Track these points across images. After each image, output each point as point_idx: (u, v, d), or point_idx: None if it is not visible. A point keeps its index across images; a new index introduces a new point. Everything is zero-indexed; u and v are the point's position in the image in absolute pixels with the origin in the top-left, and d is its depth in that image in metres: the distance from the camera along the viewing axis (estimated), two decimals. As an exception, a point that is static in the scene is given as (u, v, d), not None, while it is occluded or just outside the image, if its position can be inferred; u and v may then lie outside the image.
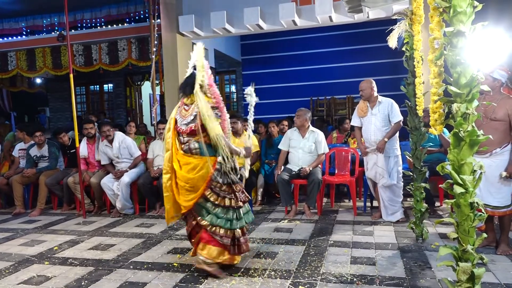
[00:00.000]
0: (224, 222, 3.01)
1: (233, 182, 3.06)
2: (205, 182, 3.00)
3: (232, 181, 3.06)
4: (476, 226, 2.02)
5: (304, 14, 6.89)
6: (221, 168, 3.02)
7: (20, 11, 9.34)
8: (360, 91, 4.49)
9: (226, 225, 3.01)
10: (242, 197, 3.12)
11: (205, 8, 7.33)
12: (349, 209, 5.09)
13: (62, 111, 12.50)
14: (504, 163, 3.21)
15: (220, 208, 3.03)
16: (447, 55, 1.95)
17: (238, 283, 2.90)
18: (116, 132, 5.46)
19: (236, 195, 3.07)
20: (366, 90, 4.43)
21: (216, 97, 3.08)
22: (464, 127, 1.92)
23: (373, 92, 4.44)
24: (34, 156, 5.95)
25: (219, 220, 3.00)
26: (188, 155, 3.05)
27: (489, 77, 3.18)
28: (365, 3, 4.72)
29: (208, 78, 3.05)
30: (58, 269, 3.36)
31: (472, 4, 1.89)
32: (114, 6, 9.04)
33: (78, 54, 8.60)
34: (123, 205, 5.23)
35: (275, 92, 11.47)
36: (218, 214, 3.01)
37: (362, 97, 4.50)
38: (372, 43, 10.10)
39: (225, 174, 3.04)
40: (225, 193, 3.04)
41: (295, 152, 5.00)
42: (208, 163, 3.00)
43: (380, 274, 2.96)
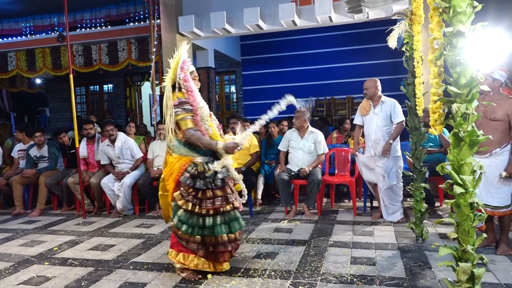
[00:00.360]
0: (186, 227, 2.90)
1: (202, 188, 2.90)
2: (174, 182, 2.98)
3: (201, 186, 2.90)
4: (476, 226, 2.02)
5: (304, 14, 6.90)
6: (193, 170, 2.92)
7: (20, 12, 9.36)
8: (364, 89, 4.47)
9: (188, 230, 2.90)
10: (208, 205, 2.91)
11: (205, 9, 7.34)
12: (349, 209, 5.09)
13: (62, 111, 12.52)
14: (503, 163, 3.22)
15: (183, 211, 2.93)
16: (447, 55, 1.95)
17: (238, 283, 2.90)
18: (119, 133, 5.46)
19: (202, 202, 2.91)
20: (371, 89, 4.42)
21: (189, 93, 3.00)
22: (464, 127, 1.92)
23: (377, 91, 4.43)
24: (34, 157, 5.95)
25: (182, 225, 2.91)
26: (169, 154, 3.08)
27: (489, 77, 3.18)
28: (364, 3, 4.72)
29: (184, 73, 3.03)
30: (58, 269, 3.36)
31: (471, 4, 1.89)
32: (114, 6, 9.06)
33: (78, 54, 8.61)
34: (124, 207, 5.23)
35: (275, 92, 11.43)
36: (181, 218, 2.92)
37: (365, 95, 4.48)
38: (372, 43, 10.11)
39: (196, 177, 2.92)
40: (190, 197, 2.90)
41: (295, 153, 5.00)
42: (179, 162, 2.98)
43: (380, 274, 2.96)
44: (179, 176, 2.96)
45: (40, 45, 8.93)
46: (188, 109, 2.97)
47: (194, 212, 2.91)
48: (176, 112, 2.96)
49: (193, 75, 3.13)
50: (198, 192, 2.92)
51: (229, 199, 3.01)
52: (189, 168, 2.94)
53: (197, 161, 2.95)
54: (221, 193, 2.98)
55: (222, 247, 2.97)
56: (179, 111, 2.96)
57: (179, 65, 3.04)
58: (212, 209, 2.93)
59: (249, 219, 4.83)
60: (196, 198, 2.91)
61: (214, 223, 2.93)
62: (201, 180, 2.92)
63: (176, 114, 2.96)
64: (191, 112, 2.97)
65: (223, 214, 2.98)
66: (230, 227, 3.00)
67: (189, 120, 2.96)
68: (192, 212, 2.91)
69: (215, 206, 2.93)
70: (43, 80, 12.12)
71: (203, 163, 2.95)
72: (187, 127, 2.94)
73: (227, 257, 3.07)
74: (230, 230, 3.00)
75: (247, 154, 5.27)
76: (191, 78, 3.09)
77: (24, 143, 6.24)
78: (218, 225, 2.94)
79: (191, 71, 3.12)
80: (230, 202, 3.02)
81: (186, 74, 3.04)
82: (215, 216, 2.95)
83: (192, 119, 2.98)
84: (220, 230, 2.94)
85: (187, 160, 2.98)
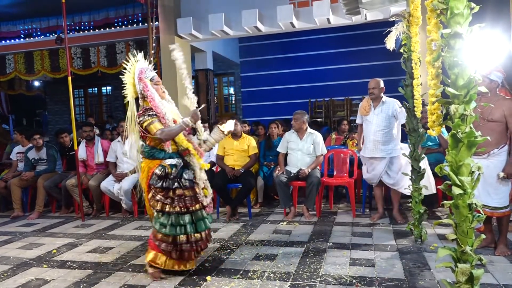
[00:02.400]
0: (159, 226, 3.00)
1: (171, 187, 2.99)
2: (146, 185, 3.09)
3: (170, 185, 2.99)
4: (474, 227, 2.02)
5: (302, 16, 6.91)
6: (160, 172, 2.98)
7: (18, 14, 9.36)
8: (369, 89, 4.42)
9: (161, 230, 2.99)
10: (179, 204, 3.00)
11: (203, 11, 7.35)
12: (348, 211, 5.09)
13: (61, 114, 12.50)
14: (501, 163, 3.22)
15: (161, 214, 3.02)
16: (445, 57, 1.95)
17: (237, 285, 2.90)
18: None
19: (173, 200, 3.00)
20: (377, 89, 4.39)
21: (150, 99, 3.06)
22: (462, 129, 1.93)
23: (381, 92, 4.43)
24: (32, 159, 5.94)
25: (163, 228, 3.00)
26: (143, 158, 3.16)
27: (486, 78, 3.19)
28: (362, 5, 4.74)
29: (143, 83, 3.08)
30: (56, 272, 3.35)
31: (469, 6, 1.90)
32: (112, 9, 9.07)
33: (76, 57, 8.60)
34: (130, 208, 5.38)
35: (274, 94, 11.49)
36: (161, 221, 3.02)
37: (371, 95, 4.45)
38: (370, 45, 10.13)
39: (164, 178, 3.00)
40: (160, 197, 3.00)
41: (294, 154, 5.00)
42: (149, 166, 3.07)
43: (379, 275, 2.96)
44: (148, 179, 3.06)
45: (38, 47, 8.92)
46: (152, 114, 3.03)
47: (165, 211, 3.00)
48: (142, 120, 3.02)
49: (154, 81, 3.16)
50: (169, 191, 3.01)
51: (198, 198, 3.10)
52: (156, 170, 3.01)
53: (165, 164, 3.02)
54: (190, 193, 3.07)
55: (189, 246, 3.04)
56: (145, 118, 3.02)
57: (136, 76, 3.10)
58: (183, 207, 3.01)
59: (248, 220, 4.83)
60: (167, 197, 3.01)
61: (184, 222, 3.02)
62: (169, 180, 3.01)
63: (143, 121, 3.02)
64: (156, 116, 3.03)
65: (192, 213, 3.07)
66: (196, 226, 3.07)
67: (157, 122, 3.01)
68: (163, 211, 3.00)
69: (186, 204, 3.02)
70: (41, 83, 12.10)
71: (171, 165, 3.02)
72: (157, 129, 2.99)
73: (192, 256, 3.12)
74: (196, 230, 3.07)
75: (246, 155, 5.27)
76: (154, 84, 3.15)
77: (22, 146, 6.23)
78: (188, 224, 3.03)
79: (151, 77, 3.15)
80: (199, 201, 3.10)
81: (145, 83, 3.09)
82: (185, 215, 3.03)
83: (160, 122, 3.03)
84: (189, 229, 3.03)
85: (155, 164, 3.06)
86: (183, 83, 3.28)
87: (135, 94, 3.17)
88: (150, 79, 3.15)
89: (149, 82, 3.13)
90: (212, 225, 4.63)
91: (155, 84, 3.17)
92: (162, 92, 3.21)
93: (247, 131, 6.27)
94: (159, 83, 3.21)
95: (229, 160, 5.24)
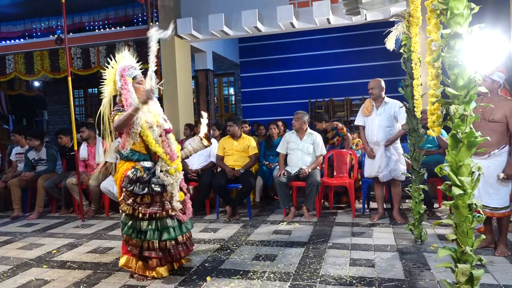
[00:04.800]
0: (126, 229, 2.98)
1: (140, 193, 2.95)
2: (119, 187, 3.05)
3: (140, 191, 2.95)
4: (474, 227, 2.02)
5: (302, 17, 6.91)
6: (132, 175, 2.95)
7: (19, 15, 9.36)
8: (369, 89, 4.45)
9: (128, 232, 2.98)
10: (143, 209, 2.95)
11: (203, 11, 7.35)
12: (348, 211, 5.09)
13: (60, 114, 12.49)
14: (502, 164, 3.22)
15: (124, 215, 3.01)
16: (445, 57, 1.95)
17: (237, 285, 2.90)
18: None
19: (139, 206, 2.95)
20: (377, 89, 4.41)
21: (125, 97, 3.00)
22: (462, 129, 1.93)
23: (382, 92, 4.44)
24: (32, 160, 5.94)
25: (124, 227, 2.99)
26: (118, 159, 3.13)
27: (488, 78, 3.19)
28: (362, 6, 4.75)
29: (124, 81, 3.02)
30: (56, 272, 3.35)
31: (469, 6, 1.90)
32: (112, 9, 9.06)
33: (76, 57, 8.59)
34: None
35: (273, 94, 11.49)
36: (123, 221, 3.02)
37: (371, 95, 4.46)
38: (370, 45, 10.14)
39: (135, 182, 2.95)
40: (131, 201, 2.96)
41: (294, 154, 5.01)
42: (123, 168, 3.03)
43: (379, 276, 2.96)
44: (121, 181, 3.01)
45: (38, 48, 8.92)
46: (121, 110, 2.98)
47: (133, 215, 2.97)
48: (112, 116, 3.00)
49: (137, 80, 3.09)
50: (137, 196, 2.97)
51: (165, 206, 3.02)
52: (129, 173, 2.97)
53: (138, 166, 2.99)
54: (158, 199, 3.01)
55: (153, 253, 2.99)
56: (113, 113, 3.01)
57: (117, 73, 3.05)
58: (147, 213, 2.96)
59: (248, 221, 4.83)
60: (135, 202, 2.97)
61: (148, 228, 2.98)
62: (140, 185, 2.96)
63: (113, 117, 2.99)
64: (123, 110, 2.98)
65: (157, 220, 3.01)
66: (161, 234, 3.01)
67: (119, 114, 2.95)
68: (132, 215, 2.98)
69: (150, 211, 2.97)
70: (41, 83, 12.10)
71: (144, 168, 2.99)
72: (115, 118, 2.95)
73: (155, 263, 3.04)
74: (160, 238, 3.01)
75: (246, 156, 5.27)
76: (136, 83, 3.07)
77: (21, 146, 6.23)
78: (151, 230, 2.98)
79: (134, 76, 3.08)
80: (166, 209, 3.02)
81: (125, 80, 3.03)
82: (149, 221, 2.99)
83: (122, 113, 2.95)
84: (151, 236, 2.98)
85: (129, 166, 3.02)
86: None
87: (114, 91, 3.11)
88: (133, 78, 3.07)
89: (130, 80, 3.05)
90: (212, 225, 4.67)
91: (137, 83, 3.08)
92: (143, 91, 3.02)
93: (247, 131, 6.27)
94: (142, 83, 3.09)
95: (229, 160, 5.24)
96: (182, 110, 7.60)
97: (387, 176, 4.41)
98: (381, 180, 4.46)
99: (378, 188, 4.61)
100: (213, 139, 5.62)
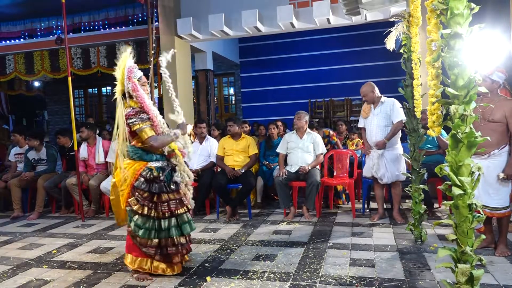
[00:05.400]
0: (143, 232, 2.96)
1: (157, 192, 2.97)
2: (129, 188, 3.01)
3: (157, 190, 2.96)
4: (474, 227, 2.02)
5: (302, 17, 6.91)
6: (148, 175, 2.95)
7: (18, 15, 9.35)
8: (362, 97, 4.50)
9: (145, 235, 2.97)
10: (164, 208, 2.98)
11: (203, 11, 7.35)
12: (348, 211, 5.09)
13: (60, 114, 12.49)
14: (502, 164, 3.22)
15: (139, 216, 2.98)
16: (445, 57, 1.95)
17: (237, 285, 2.90)
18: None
19: (157, 205, 2.98)
20: (368, 94, 4.45)
21: (141, 101, 3.00)
22: (462, 129, 1.93)
23: (375, 95, 4.44)
24: (32, 160, 5.94)
25: (139, 230, 2.97)
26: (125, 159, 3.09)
27: (487, 79, 3.19)
28: (362, 6, 4.75)
29: (132, 83, 3.01)
30: (56, 272, 3.35)
31: (469, 6, 1.90)
32: (112, 9, 9.06)
33: (76, 57, 8.59)
34: None
35: (273, 95, 11.49)
36: (137, 223, 2.98)
37: (366, 102, 4.52)
38: (370, 45, 10.14)
39: (151, 181, 2.96)
40: (145, 202, 2.96)
41: (294, 152, 5.02)
42: (133, 168, 3.00)
43: (379, 276, 2.96)
44: (133, 181, 2.99)
45: (38, 48, 8.91)
46: (144, 118, 2.98)
47: (150, 216, 2.97)
48: (134, 123, 2.97)
49: (141, 81, 3.10)
50: (154, 196, 2.97)
51: (183, 202, 3.10)
52: (143, 173, 2.97)
53: (152, 166, 2.99)
54: (175, 196, 3.05)
55: (175, 249, 3.04)
56: (136, 121, 2.96)
57: (125, 75, 3.04)
58: (168, 211, 2.99)
59: (248, 221, 4.83)
60: (152, 202, 2.97)
61: (170, 225, 3.01)
62: (155, 184, 2.97)
63: (134, 124, 2.96)
64: (148, 120, 2.99)
65: (177, 216, 3.05)
66: (181, 229, 3.06)
67: (148, 129, 2.96)
68: (148, 216, 2.97)
69: (170, 209, 3.00)
70: (41, 83, 12.09)
71: (157, 168, 3.00)
72: (148, 135, 2.95)
73: (178, 259, 3.10)
74: (182, 233, 3.07)
75: (246, 156, 5.27)
76: (140, 85, 3.07)
77: (20, 147, 6.22)
78: (173, 227, 3.02)
79: (139, 77, 3.09)
80: (184, 204, 3.10)
81: (134, 83, 3.02)
82: (170, 219, 3.02)
83: (151, 127, 2.99)
84: (174, 232, 3.02)
85: (141, 165, 3.01)
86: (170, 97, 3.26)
87: (121, 92, 3.11)
88: (138, 79, 3.08)
89: (137, 82, 3.06)
90: (212, 225, 4.68)
91: (142, 85, 3.10)
92: (147, 93, 3.13)
93: (247, 131, 6.27)
94: (146, 84, 3.13)
95: (229, 160, 5.25)
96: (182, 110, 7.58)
97: (390, 178, 4.41)
98: (383, 182, 4.48)
99: (378, 188, 4.61)
100: (213, 139, 5.63)
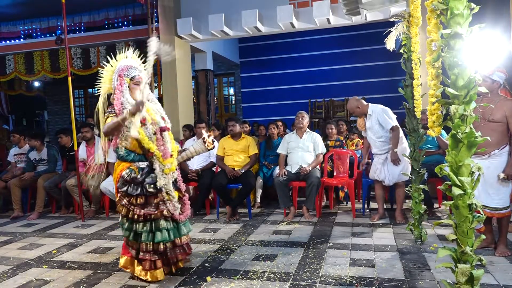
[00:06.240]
0: (124, 231, 2.98)
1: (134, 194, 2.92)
2: (115, 188, 3.03)
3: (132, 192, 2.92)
4: (475, 227, 2.02)
5: (302, 17, 6.91)
6: (126, 176, 2.92)
7: (18, 15, 9.35)
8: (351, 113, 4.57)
9: (125, 234, 2.99)
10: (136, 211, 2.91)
11: (203, 11, 7.36)
12: (348, 211, 5.09)
13: (61, 114, 12.49)
14: (502, 164, 3.22)
15: (121, 216, 3.02)
16: (445, 57, 1.95)
17: (237, 285, 2.90)
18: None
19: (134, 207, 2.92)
20: (356, 111, 4.54)
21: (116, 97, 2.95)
22: (462, 129, 1.93)
23: (362, 109, 4.48)
24: (33, 160, 5.94)
25: (122, 229, 2.99)
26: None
27: (488, 79, 3.19)
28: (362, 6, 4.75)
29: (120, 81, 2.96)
30: (56, 272, 3.35)
31: (469, 6, 1.90)
32: (112, 9, 9.06)
33: (76, 57, 8.59)
34: None
35: (274, 95, 11.50)
36: (121, 222, 3.02)
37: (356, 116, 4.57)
38: (370, 45, 10.15)
39: (129, 183, 2.93)
40: (125, 202, 2.93)
41: (295, 152, 5.03)
42: (119, 168, 3.00)
43: (379, 276, 2.96)
44: (117, 181, 3.00)
45: (38, 48, 8.92)
46: (112, 112, 2.94)
47: (128, 217, 2.95)
48: (105, 117, 2.95)
49: (134, 80, 3.01)
50: (132, 197, 2.94)
51: (160, 207, 2.96)
52: (124, 173, 2.95)
53: (133, 166, 2.97)
54: (153, 200, 2.96)
55: (147, 255, 2.95)
56: (106, 114, 2.97)
57: (116, 73, 3.01)
58: (141, 215, 2.91)
59: (248, 221, 4.83)
60: (130, 203, 2.94)
61: (142, 230, 2.95)
62: (134, 185, 2.93)
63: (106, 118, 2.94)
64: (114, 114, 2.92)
65: (152, 221, 2.96)
66: (154, 236, 2.95)
67: (111, 117, 2.90)
68: (127, 217, 2.96)
69: (144, 212, 2.92)
70: (41, 83, 12.09)
71: (139, 169, 2.97)
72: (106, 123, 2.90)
73: (147, 265, 2.97)
74: (154, 239, 2.95)
75: (246, 156, 5.27)
76: (133, 84, 3.00)
77: (19, 147, 6.22)
78: (145, 232, 2.95)
79: (132, 76, 3.01)
80: (161, 210, 2.96)
81: (122, 81, 2.97)
82: (144, 222, 2.95)
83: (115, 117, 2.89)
84: (146, 237, 2.94)
85: (125, 166, 2.99)
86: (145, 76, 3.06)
87: (109, 90, 3.08)
88: (131, 78, 3.01)
89: (127, 81, 2.99)
90: (212, 225, 4.67)
91: (135, 84, 3.01)
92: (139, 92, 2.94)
93: (247, 131, 6.27)
94: (139, 84, 3.01)
95: (229, 160, 5.25)
96: (182, 110, 7.60)
97: (392, 180, 4.42)
98: (385, 184, 4.49)
99: (378, 188, 4.61)
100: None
